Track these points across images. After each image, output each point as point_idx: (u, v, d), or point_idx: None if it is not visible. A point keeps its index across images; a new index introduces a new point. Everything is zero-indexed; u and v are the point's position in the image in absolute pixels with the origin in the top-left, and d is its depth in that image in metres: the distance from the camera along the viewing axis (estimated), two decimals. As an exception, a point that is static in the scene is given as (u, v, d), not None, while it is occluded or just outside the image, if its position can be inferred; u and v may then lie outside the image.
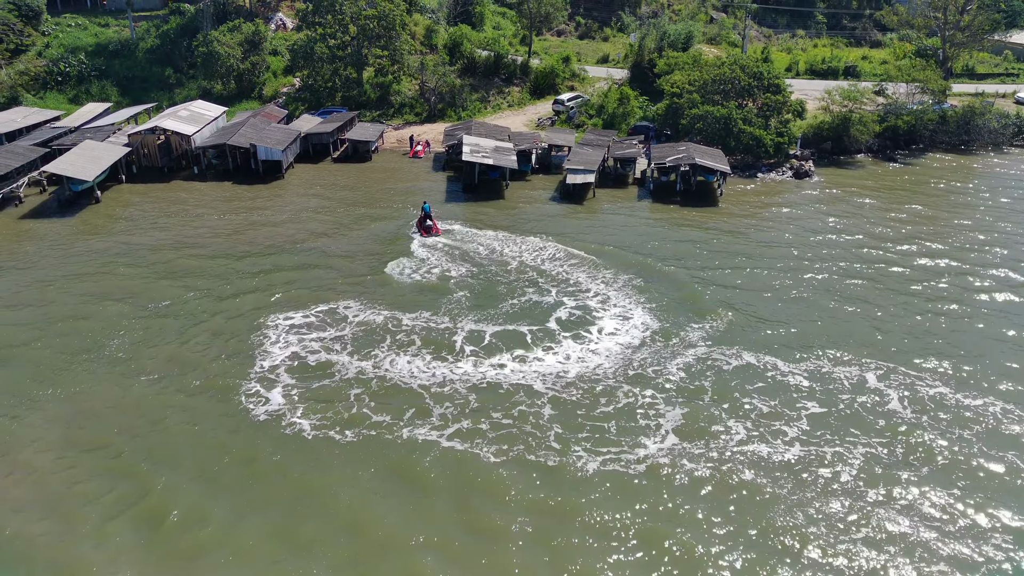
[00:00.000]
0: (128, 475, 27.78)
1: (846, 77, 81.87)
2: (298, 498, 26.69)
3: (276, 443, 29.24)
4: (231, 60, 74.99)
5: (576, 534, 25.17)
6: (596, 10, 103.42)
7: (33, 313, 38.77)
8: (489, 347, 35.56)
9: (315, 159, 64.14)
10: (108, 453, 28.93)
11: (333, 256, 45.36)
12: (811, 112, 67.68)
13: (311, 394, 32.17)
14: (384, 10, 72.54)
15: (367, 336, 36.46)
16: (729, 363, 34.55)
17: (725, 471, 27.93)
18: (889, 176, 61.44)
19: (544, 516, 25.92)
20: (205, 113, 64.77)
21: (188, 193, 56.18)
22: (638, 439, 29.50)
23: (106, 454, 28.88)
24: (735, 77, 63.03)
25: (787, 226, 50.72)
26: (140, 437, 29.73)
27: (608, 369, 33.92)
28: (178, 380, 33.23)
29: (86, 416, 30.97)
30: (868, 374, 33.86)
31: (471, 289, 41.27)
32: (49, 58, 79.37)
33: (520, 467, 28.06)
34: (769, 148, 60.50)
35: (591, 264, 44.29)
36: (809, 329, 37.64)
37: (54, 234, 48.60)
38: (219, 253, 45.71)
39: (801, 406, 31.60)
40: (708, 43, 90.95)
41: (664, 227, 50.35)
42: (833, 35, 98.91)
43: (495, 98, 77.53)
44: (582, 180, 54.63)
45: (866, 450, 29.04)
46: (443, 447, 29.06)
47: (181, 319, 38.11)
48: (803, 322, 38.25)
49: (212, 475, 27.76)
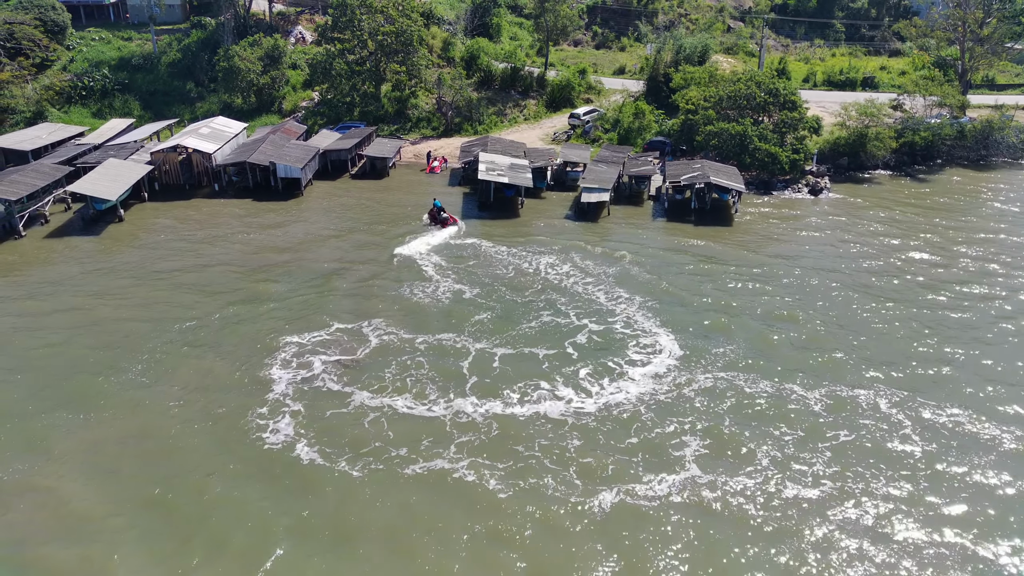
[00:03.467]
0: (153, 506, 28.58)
1: (864, 88, 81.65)
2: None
3: (290, 470, 29.95)
4: (251, 75, 75.99)
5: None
6: (613, 20, 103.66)
7: (59, 334, 39.69)
8: (504, 375, 35.99)
9: (333, 175, 64.92)
10: (131, 482, 29.73)
11: (349, 276, 46.02)
12: (827, 127, 67.54)
13: (323, 423, 32.78)
14: (402, 25, 73.23)
15: (383, 361, 37.03)
16: (748, 389, 34.81)
17: (751, 507, 28.26)
18: (906, 193, 61.23)
19: (566, 556, 26.38)
20: (226, 130, 65.73)
21: (209, 211, 57.13)
22: (659, 474, 29.86)
23: (129, 483, 29.69)
24: (751, 93, 63.07)
25: (803, 247, 50.74)
26: (155, 465, 30.54)
27: (627, 399, 34.16)
28: (198, 406, 33.98)
29: (106, 446, 31.78)
30: (882, 401, 34.04)
31: (488, 310, 41.73)
32: (73, 72, 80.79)
33: (536, 501, 28.53)
34: (785, 165, 60.52)
35: (607, 285, 44.65)
36: (827, 354, 37.80)
37: (79, 254, 49.66)
38: (239, 272, 46.52)
39: (828, 436, 31.85)
40: (725, 53, 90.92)
41: (679, 247, 50.57)
42: (851, 45, 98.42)
43: (511, 111, 78.02)
44: (597, 199, 54.95)
45: (888, 485, 29.23)
46: (459, 479, 29.57)
47: (203, 340, 38.93)
48: (821, 347, 38.41)
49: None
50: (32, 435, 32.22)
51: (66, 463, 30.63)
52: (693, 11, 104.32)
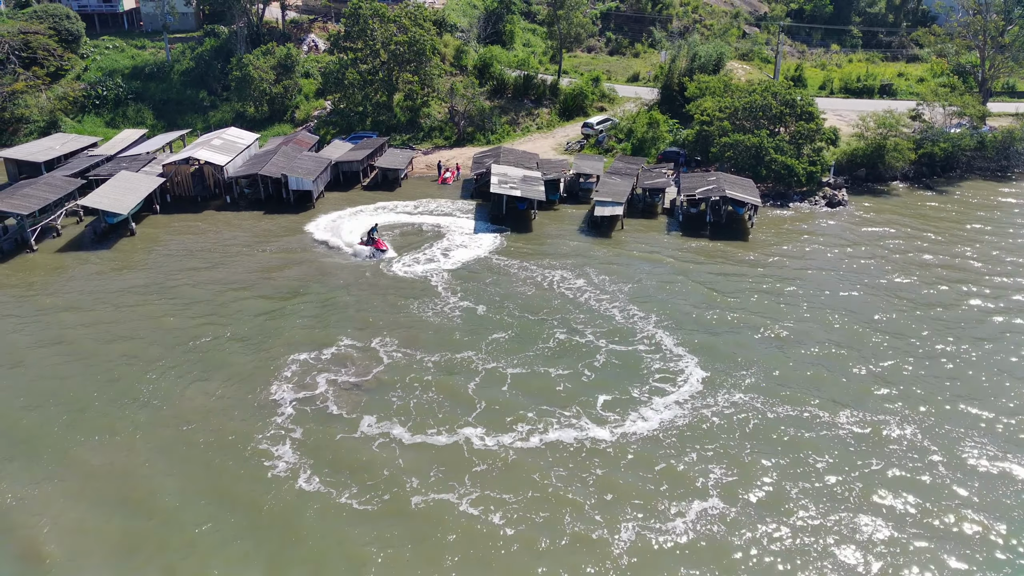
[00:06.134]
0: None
1: (882, 95, 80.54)
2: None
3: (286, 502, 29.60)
4: (264, 84, 75.86)
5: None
6: (627, 26, 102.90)
7: (69, 353, 39.54)
8: (517, 400, 35.45)
9: (345, 186, 64.61)
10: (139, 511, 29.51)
11: (359, 291, 45.64)
12: (845, 137, 66.55)
13: (330, 449, 32.40)
14: (415, 35, 72.85)
15: (393, 381, 36.62)
16: (770, 415, 34.18)
17: (776, 544, 27.64)
18: (926, 205, 60.21)
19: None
20: (238, 141, 65.55)
21: (220, 224, 56.92)
22: (680, 506, 29.28)
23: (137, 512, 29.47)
24: (767, 104, 62.23)
25: (821, 262, 49.88)
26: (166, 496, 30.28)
27: (645, 426, 33.58)
28: (207, 429, 33.71)
29: (112, 475, 31.56)
30: (909, 427, 33.31)
31: (501, 329, 41.21)
32: (87, 81, 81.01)
33: (551, 536, 28.03)
34: (801, 177, 59.63)
35: (622, 302, 44.05)
36: (849, 376, 37.08)
37: (90, 269, 49.55)
38: (249, 288, 46.22)
39: (857, 464, 31.15)
40: (740, 59, 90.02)
41: (694, 263, 49.85)
42: (868, 51, 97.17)
43: (524, 120, 77.48)
44: (610, 212, 54.32)
45: (917, 515, 28.56)
46: (465, 512, 29.10)
47: (212, 359, 38.67)
48: (842, 369, 37.67)
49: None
50: (40, 454, 32.05)
51: (65, 488, 30.44)
52: (708, 17, 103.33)
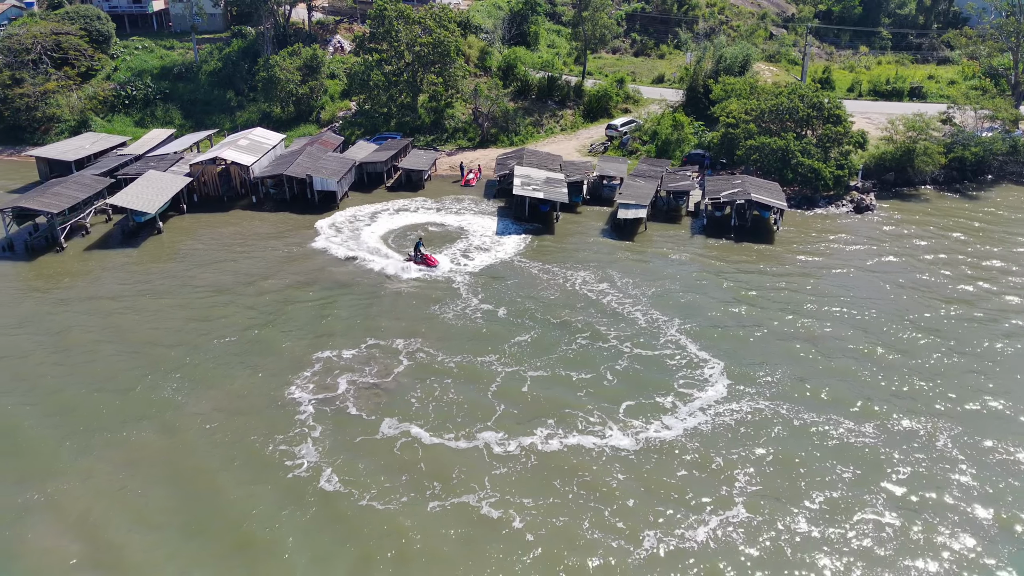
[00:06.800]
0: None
1: (911, 98, 79.42)
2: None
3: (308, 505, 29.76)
4: (290, 84, 76.45)
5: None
6: (652, 27, 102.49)
7: (97, 350, 40.09)
8: (540, 403, 35.35)
9: (369, 187, 64.93)
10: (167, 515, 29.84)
11: (382, 291, 45.82)
12: (873, 141, 65.69)
13: (351, 450, 32.51)
14: (439, 36, 73.02)
15: (414, 383, 36.70)
16: (795, 422, 33.78)
17: (804, 555, 27.33)
18: (956, 210, 59.23)
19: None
20: (264, 142, 66.11)
21: (246, 223, 57.43)
22: (704, 515, 29.04)
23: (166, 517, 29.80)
24: (794, 107, 61.59)
25: (848, 267, 49.23)
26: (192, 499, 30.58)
27: (670, 433, 33.21)
28: (227, 429, 34.00)
29: (140, 477, 31.94)
30: (940, 436, 32.79)
31: (522, 331, 41.11)
32: (117, 81, 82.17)
33: (570, 544, 27.92)
34: (828, 181, 58.92)
35: (645, 305, 43.78)
36: (876, 382, 36.61)
37: (118, 268, 50.21)
38: (274, 287, 46.56)
39: (886, 472, 30.73)
40: (767, 61, 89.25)
41: (718, 267, 49.45)
42: (898, 53, 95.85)
43: (548, 122, 77.37)
44: (634, 215, 54.04)
45: (954, 533, 28.12)
46: (486, 516, 29.06)
47: (236, 358, 38.98)
48: (870, 375, 37.18)
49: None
50: (63, 452, 32.52)
51: (97, 483, 30.84)
52: (734, 18, 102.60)
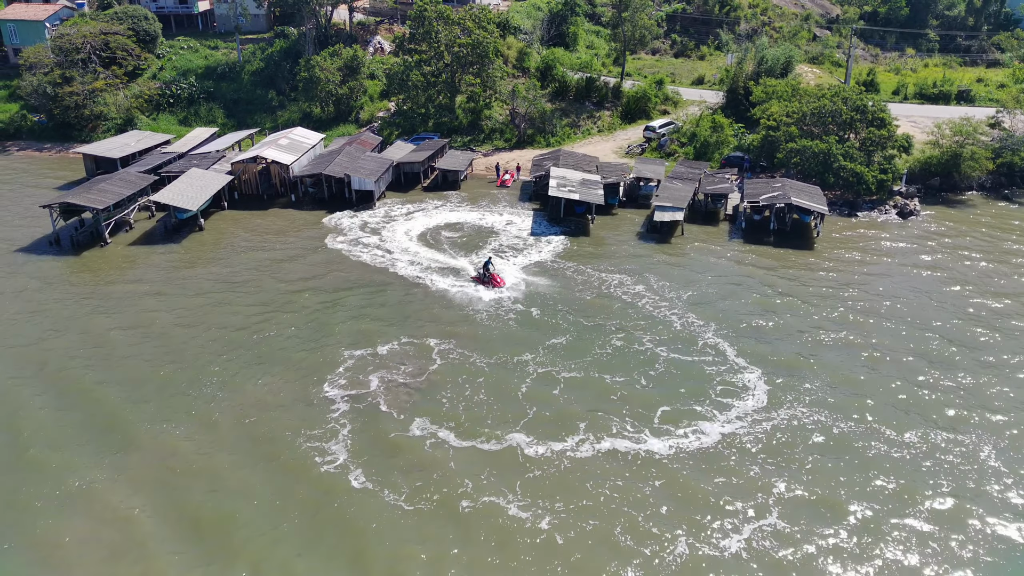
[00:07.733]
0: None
1: (959, 102, 77.49)
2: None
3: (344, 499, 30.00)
4: (330, 84, 77.28)
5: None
6: (693, 28, 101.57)
7: (141, 344, 40.97)
8: (572, 407, 35.24)
9: (406, 187, 65.34)
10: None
11: (419, 290, 46.05)
12: (919, 145, 64.22)
13: (382, 448, 32.73)
14: (478, 37, 73.21)
15: (443, 382, 36.81)
16: (835, 431, 33.26)
17: (837, 568, 26.86)
18: (1004, 217, 57.65)
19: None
20: (304, 141, 66.92)
21: (285, 221, 58.18)
22: (734, 520, 28.69)
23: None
24: (836, 109, 60.51)
25: (891, 274, 48.21)
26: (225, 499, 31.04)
27: (705, 439, 32.96)
28: (265, 422, 34.45)
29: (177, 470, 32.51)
30: (985, 448, 32.02)
31: (557, 333, 41.05)
32: (162, 80, 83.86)
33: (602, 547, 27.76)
34: (871, 185, 57.75)
35: (680, 309, 43.40)
36: (918, 393, 35.84)
37: (160, 263, 51.21)
38: (311, 284, 47.14)
39: (928, 483, 30.08)
40: (810, 63, 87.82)
41: (757, 271, 48.77)
42: (946, 55, 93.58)
43: (585, 123, 77.05)
44: (670, 217, 53.55)
45: (994, 549, 27.38)
46: (515, 517, 29.01)
47: (273, 355, 39.50)
48: (912, 386, 36.40)
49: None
50: (108, 445, 33.29)
51: (137, 478, 31.48)
52: (777, 19, 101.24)
